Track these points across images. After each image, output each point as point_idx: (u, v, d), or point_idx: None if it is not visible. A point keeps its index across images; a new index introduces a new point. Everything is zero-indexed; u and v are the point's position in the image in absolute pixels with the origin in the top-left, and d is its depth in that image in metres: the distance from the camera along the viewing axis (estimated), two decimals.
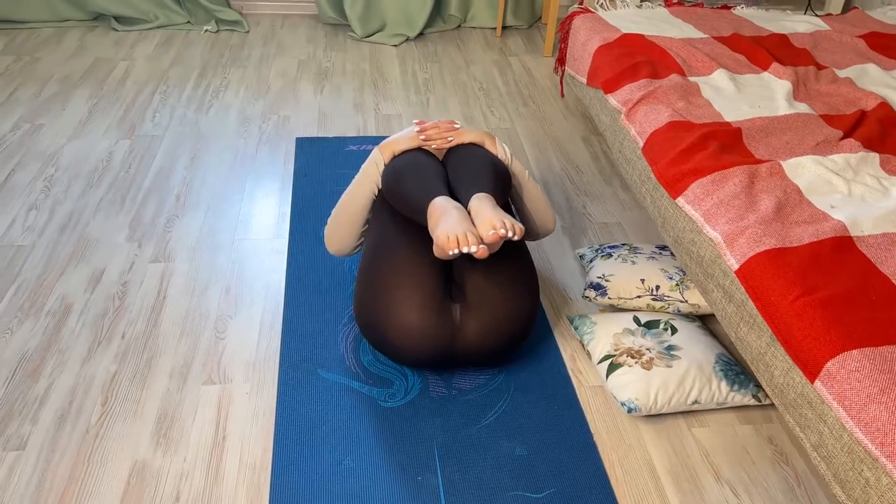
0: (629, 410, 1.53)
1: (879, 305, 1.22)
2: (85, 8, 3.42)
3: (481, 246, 1.39)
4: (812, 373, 1.17)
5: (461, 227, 1.41)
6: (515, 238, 1.42)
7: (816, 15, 2.64)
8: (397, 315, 1.50)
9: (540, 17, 3.80)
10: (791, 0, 3.42)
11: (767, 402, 1.58)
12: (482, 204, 1.48)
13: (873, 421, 1.05)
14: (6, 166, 2.34)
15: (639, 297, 1.76)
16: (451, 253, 1.39)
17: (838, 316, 1.19)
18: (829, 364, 1.14)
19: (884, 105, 1.89)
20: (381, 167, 1.69)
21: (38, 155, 2.41)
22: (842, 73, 2.13)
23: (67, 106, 2.72)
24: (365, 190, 1.71)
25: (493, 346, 1.54)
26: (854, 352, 1.13)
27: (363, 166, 1.73)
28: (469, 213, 1.49)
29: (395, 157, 1.70)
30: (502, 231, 1.40)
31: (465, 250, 1.38)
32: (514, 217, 1.59)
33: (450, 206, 1.48)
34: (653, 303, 1.75)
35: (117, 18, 3.45)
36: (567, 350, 1.74)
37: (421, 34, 3.57)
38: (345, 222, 1.75)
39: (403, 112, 2.80)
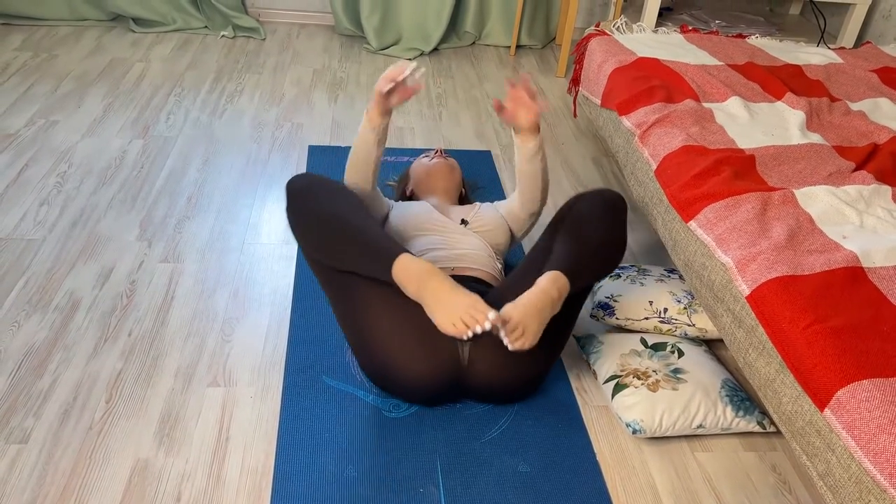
0: (634, 432, 1.52)
1: (891, 337, 1.22)
2: (104, 8, 3.45)
3: (490, 318, 1.30)
4: (822, 401, 1.17)
5: (462, 307, 1.32)
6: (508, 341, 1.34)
7: (829, 48, 2.66)
8: (402, 374, 1.48)
9: (554, 38, 3.83)
10: (804, 32, 3.44)
11: (772, 429, 1.58)
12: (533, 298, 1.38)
13: (883, 451, 1.05)
14: (20, 160, 2.35)
15: (646, 318, 1.76)
16: (465, 339, 1.33)
17: (850, 345, 1.19)
18: (839, 393, 1.15)
19: None
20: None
21: (52, 151, 2.42)
22: (855, 106, 2.15)
23: (83, 104, 2.74)
24: (368, 140, 1.70)
25: (502, 389, 1.54)
26: (865, 381, 1.13)
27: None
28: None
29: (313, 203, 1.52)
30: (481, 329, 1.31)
31: (478, 330, 1.31)
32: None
33: (433, 275, 1.37)
34: (660, 325, 1.75)
35: (135, 20, 3.48)
36: (573, 369, 1.74)
37: (436, 49, 3.60)
38: (358, 166, 1.73)
39: (416, 125, 2.82)
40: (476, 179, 2.47)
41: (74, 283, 1.86)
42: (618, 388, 1.59)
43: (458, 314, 1.32)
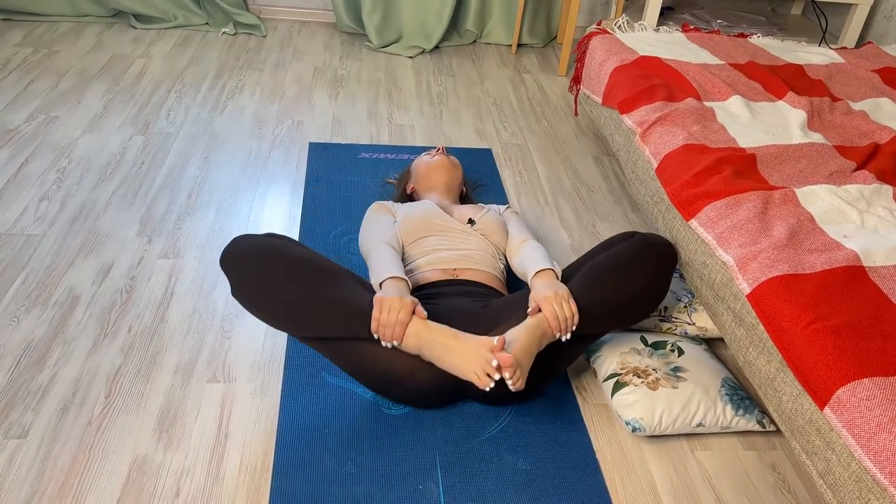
0: (633, 430, 1.52)
1: (891, 336, 1.22)
2: (105, 4, 3.45)
3: (497, 377, 1.34)
4: (822, 400, 1.17)
5: (475, 355, 1.36)
6: (509, 382, 1.36)
7: (831, 48, 2.66)
8: (406, 388, 1.49)
9: (555, 37, 3.83)
10: (806, 32, 3.44)
11: (772, 428, 1.57)
12: (523, 331, 1.42)
13: (883, 450, 1.05)
14: (20, 156, 2.35)
15: None
16: (487, 389, 1.36)
17: (850, 344, 1.19)
18: (839, 391, 1.14)
19: None
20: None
21: (52, 146, 2.42)
22: (856, 106, 2.15)
23: (83, 100, 2.74)
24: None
25: (502, 394, 1.55)
26: (865, 380, 1.13)
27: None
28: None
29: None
30: (499, 376, 1.35)
31: (497, 378, 1.35)
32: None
33: (427, 326, 1.40)
34: (660, 323, 1.75)
35: (136, 16, 3.48)
36: (572, 367, 1.73)
37: (437, 47, 3.59)
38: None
39: (416, 123, 2.82)
40: (477, 178, 2.46)
41: (74, 278, 1.86)
42: (617, 387, 1.59)
43: (476, 363, 1.35)
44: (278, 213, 2.19)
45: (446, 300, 1.57)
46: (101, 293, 1.82)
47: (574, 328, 1.46)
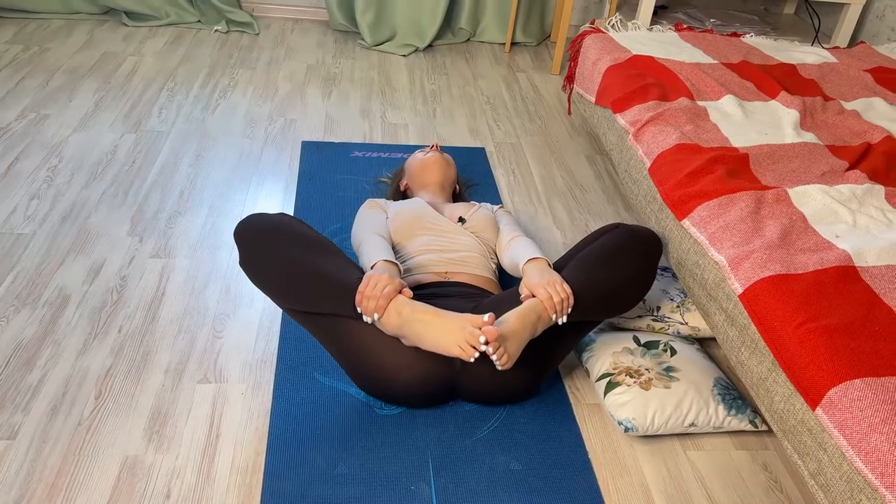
0: (626, 430, 1.52)
1: (883, 336, 1.22)
2: (96, 2, 3.43)
3: (482, 342, 1.32)
4: (813, 400, 1.17)
5: (457, 328, 1.34)
6: (493, 357, 1.35)
7: (823, 47, 2.66)
8: (397, 384, 1.48)
9: (549, 35, 3.82)
10: (799, 31, 3.45)
11: (764, 428, 1.58)
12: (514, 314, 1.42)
13: (874, 451, 1.05)
14: (10, 154, 2.33)
15: (639, 316, 1.76)
16: (472, 360, 1.35)
17: (842, 344, 1.19)
18: (831, 392, 1.14)
19: (890, 139, 1.90)
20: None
21: (43, 145, 2.40)
22: (848, 106, 2.15)
23: (74, 98, 2.72)
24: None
25: (495, 393, 1.54)
26: (857, 381, 1.13)
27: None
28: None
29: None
30: (485, 349, 1.33)
31: (482, 349, 1.33)
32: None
33: (409, 304, 1.39)
34: (653, 323, 1.75)
35: (128, 14, 3.46)
36: (565, 366, 1.73)
37: (430, 46, 3.59)
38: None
39: (410, 121, 2.81)
40: (470, 177, 2.46)
41: (64, 278, 1.84)
42: (610, 387, 1.59)
43: (460, 336, 1.34)
44: (270, 212, 2.17)
45: (436, 301, 1.56)
46: (91, 293, 1.81)
47: (569, 310, 1.45)
